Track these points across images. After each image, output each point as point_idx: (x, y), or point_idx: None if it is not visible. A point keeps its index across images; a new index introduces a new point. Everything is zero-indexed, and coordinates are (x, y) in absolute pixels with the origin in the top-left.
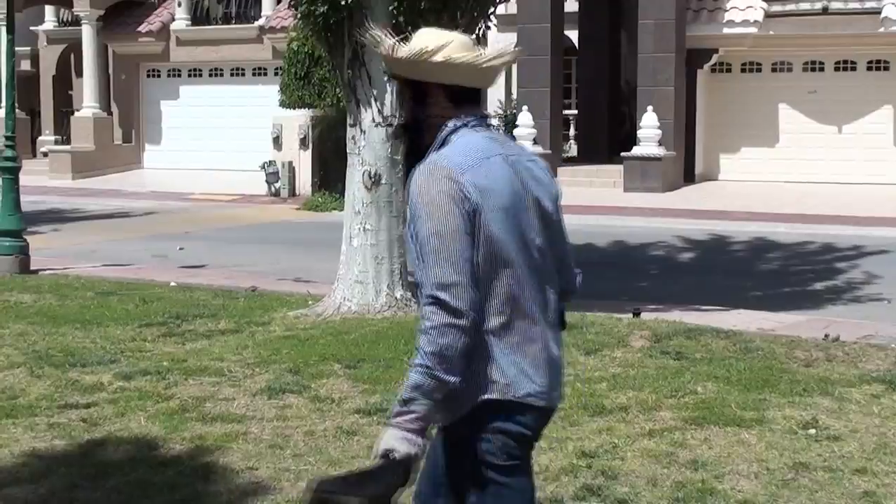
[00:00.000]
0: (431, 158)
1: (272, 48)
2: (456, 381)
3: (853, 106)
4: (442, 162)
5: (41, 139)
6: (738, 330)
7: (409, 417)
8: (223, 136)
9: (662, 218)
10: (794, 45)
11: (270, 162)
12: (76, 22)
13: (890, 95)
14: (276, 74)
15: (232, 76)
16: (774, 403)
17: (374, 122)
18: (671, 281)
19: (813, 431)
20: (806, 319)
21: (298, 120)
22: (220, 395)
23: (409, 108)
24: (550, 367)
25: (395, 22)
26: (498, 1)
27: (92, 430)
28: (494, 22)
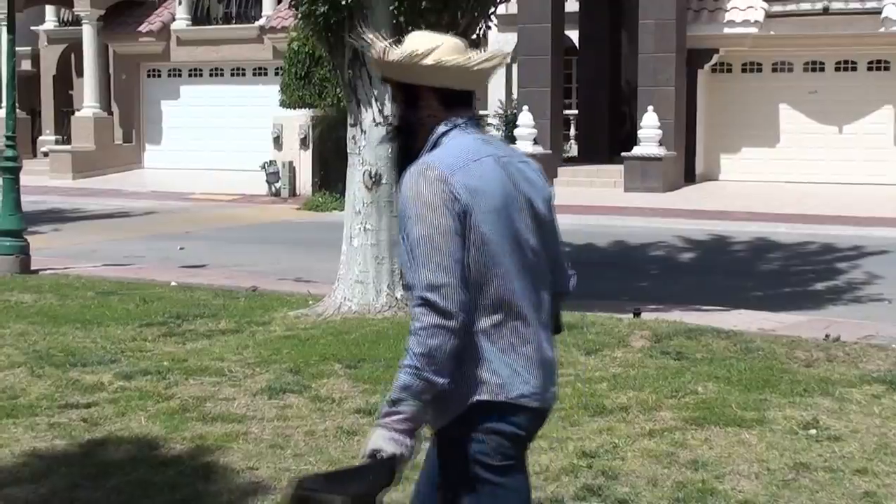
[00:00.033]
0: (422, 160)
1: (273, 48)
2: (444, 382)
3: (854, 106)
4: (433, 163)
5: (42, 139)
6: (738, 330)
7: (397, 418)
8: (224, 135)
9: (663, 218)
10: (794, 45)
11: (271, 162)
12: (77, 22)
13: (890, 95)
14: (276, 74)
15: (232, 76)
16: (775, 404)
17: (374, 121)
18: (672, 281)
19: (813, 432)
20: (807, 320)
21: (299, 120)
22: (220, 394)
23: (401, 110)
24: (544, 367)
25: (395, 22)
26: (498, 1)
27: (92, 429)
28: (495, 22)
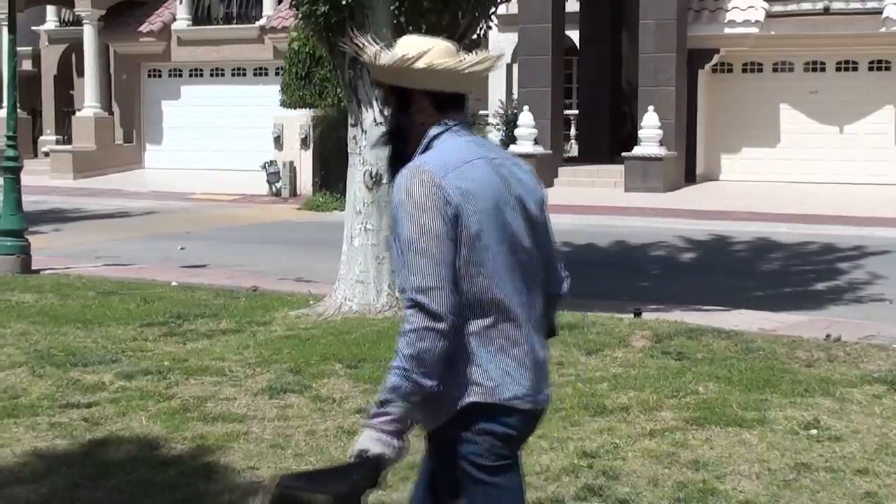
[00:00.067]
0: (414, 162)
1: (273, 48)
2: (433, 384)
3: (854, 106)
4: (424, 166)
5: (42, 139)
6: (739, 330)
7: (385, 419)
8: (224, 135)
9: (663, 218)
10: (795, 45)
11: (271, 162)
12: (77, 22)
13: (891, 95)
14: (277, 74)
15: (233, 76)
16: (776, 404)
17: (375, 121)
18: (672, 281)
19: (814, 432)
20: (807, 320)
21: (299, 120)
22: (221, 394)
23: (393, 114)
24: (536, 369)
25: (396, 22)
26: (499, 1)
27: (93, 429)
28: (495, 22)
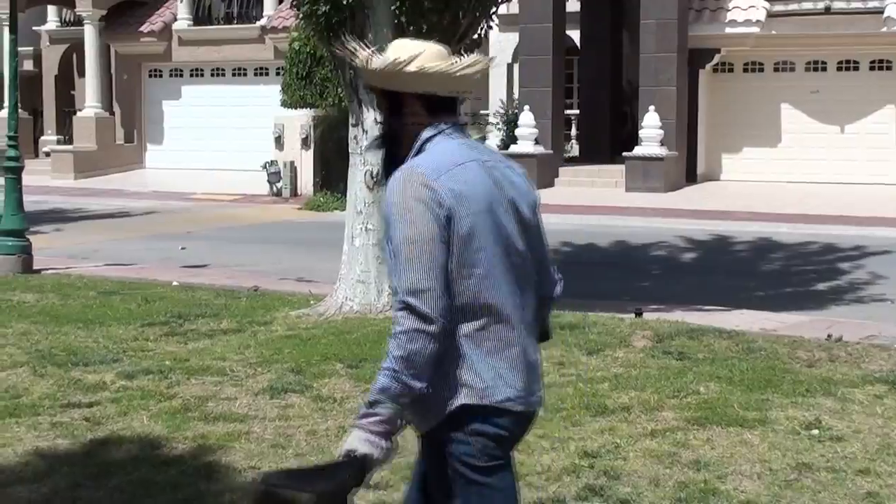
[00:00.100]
0: (407, 165)
1: (274, 48)
2: (422, 386)
3: (856, 106)
4: (417, 168)
5: (43, 139)
6: (740, 330)
7: (373, 420)
8: (225, 135)
9: (664, 218)
10: (796, 44)
11: (272, 162)
12: (78, 22)
13: (893, 95)
14: (277, 74)
15: (234, 76)
16: (777, 404)
17: (376, 121)
18: (673, 281)
19: (816, 432)
20: (809, 320)
21: (300, 120)
22: (222, 394)
23: (386, 118)
24: (528, 370)
25: (396, 22)
26: (500, 1)
27: (94, 429)
28: (496, 22)
